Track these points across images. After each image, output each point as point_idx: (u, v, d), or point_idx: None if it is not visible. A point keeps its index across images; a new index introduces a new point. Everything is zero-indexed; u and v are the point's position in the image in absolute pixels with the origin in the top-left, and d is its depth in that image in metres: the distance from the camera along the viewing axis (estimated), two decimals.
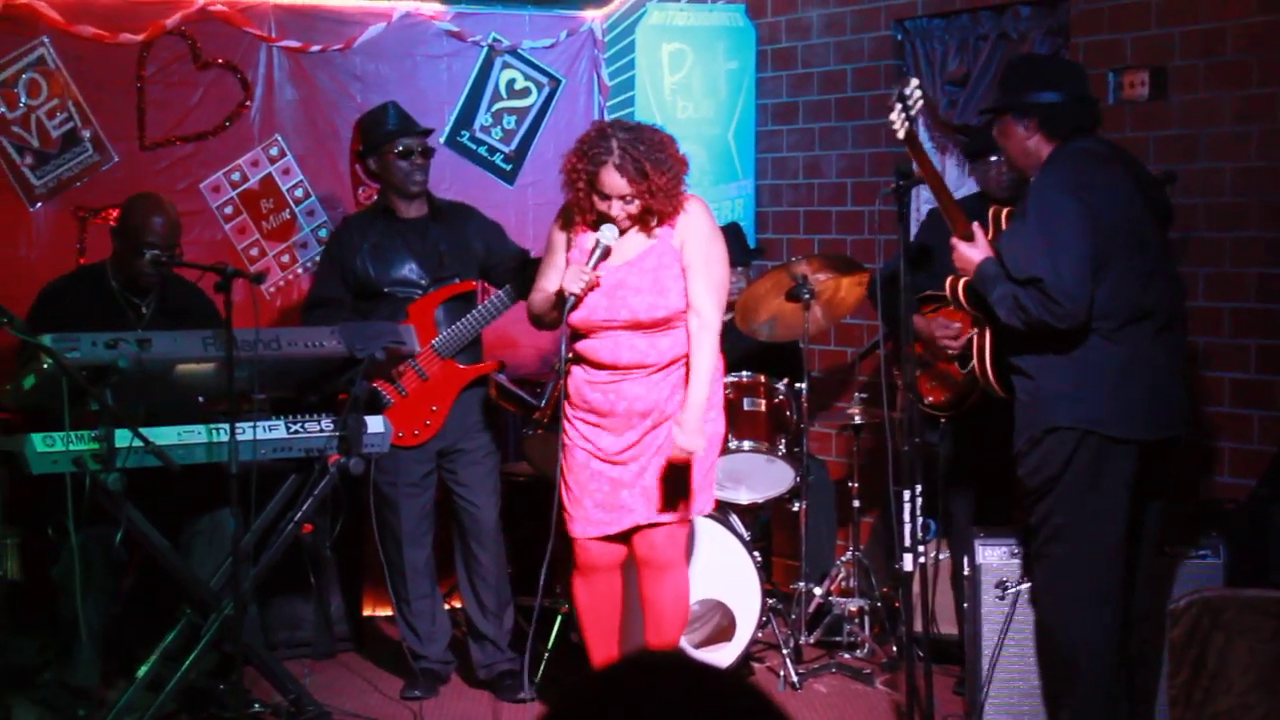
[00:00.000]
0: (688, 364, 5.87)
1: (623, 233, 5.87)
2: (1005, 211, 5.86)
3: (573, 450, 5.97)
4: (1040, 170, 5.58)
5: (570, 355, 5.97)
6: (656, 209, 5.82)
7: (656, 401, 5.88)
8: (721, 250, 6.04)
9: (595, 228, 5.89)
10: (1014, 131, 5.69)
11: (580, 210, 5.91)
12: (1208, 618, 4.65)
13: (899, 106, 5.64)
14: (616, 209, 5.80)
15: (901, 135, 5.65)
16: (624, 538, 6.03)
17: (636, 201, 5.79)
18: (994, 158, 6.72)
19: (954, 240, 5.69)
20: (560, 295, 5.84)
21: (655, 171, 5.75)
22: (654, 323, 5.85)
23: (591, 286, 5.82)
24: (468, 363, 6.96)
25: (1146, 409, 5.51)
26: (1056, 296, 5.36)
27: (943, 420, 6.78)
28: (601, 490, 5.94)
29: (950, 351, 6.62)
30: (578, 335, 5.93)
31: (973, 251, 5.63)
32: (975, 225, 5.70)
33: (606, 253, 5.85)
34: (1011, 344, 5.62)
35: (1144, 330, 5.51)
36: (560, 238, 6.06)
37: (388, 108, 7.08)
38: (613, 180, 5.75)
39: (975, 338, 5.90)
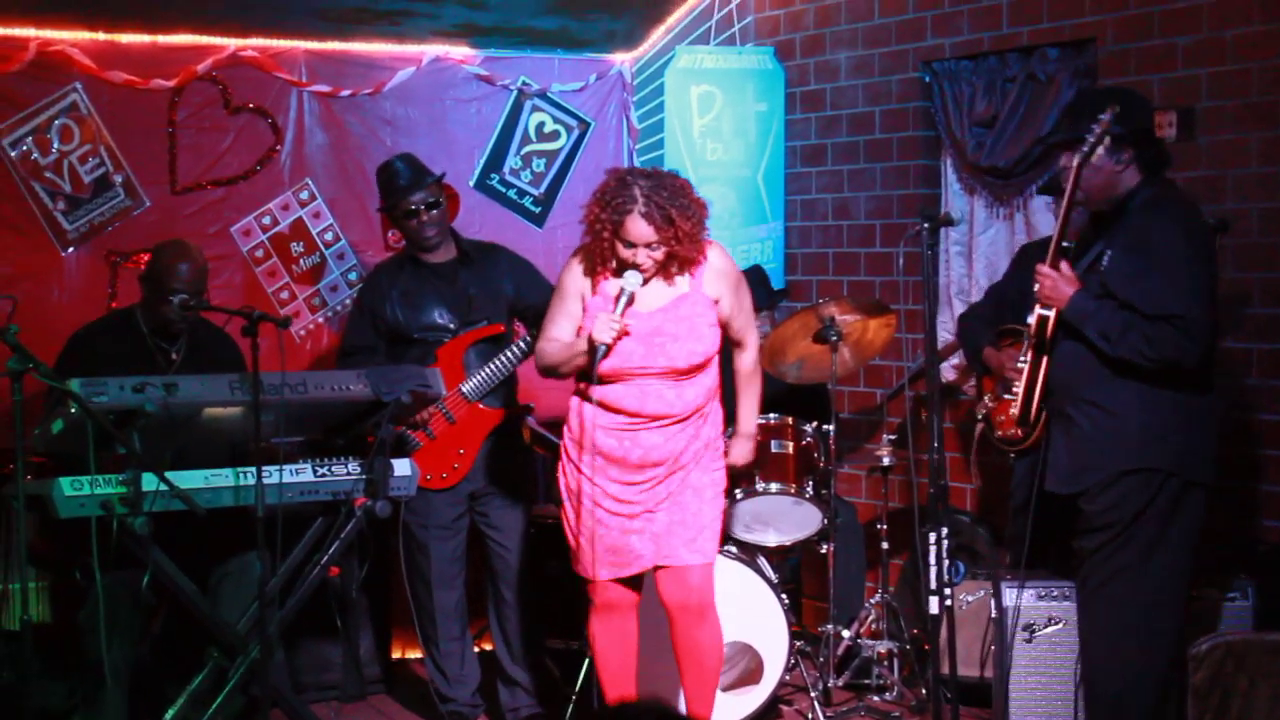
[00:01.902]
0: (719, 405, 5.98)
1: (646, 281, 5.87)
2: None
3: (578, 494, 5.97)
4: (1145, 205, 5.54)
5: (587, 399, 5.94)
6: (681, 255, 5.82)
7: (672, 451, 5.88)
8: (745, 286, 6.14)
9: (618, 275, 5.88)
10: (1103, 163, 5.58)
11: (603, 259, 5.89)
12: (1231, 661, 4.63)
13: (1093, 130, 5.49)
14: (642, 256, 5.79)
15: (1077, 161, 5.50)
16: (636, 579, 6.03)
17: (661, 249, 5.78)
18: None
19: (1044, 268, 5.61)
20: (591, 345, 5.80)
21: (680, 218, 5.75)
22: (689, 369, 5.85)
23: (621, 335, 5.81)
24: (496, 406, 6.98)
25: (1215, 454, 5.54)
26: (1195, 335, 5.38)
27: (1012, 455, 6.78)
28: (610, 534, 5.92)
29: (1016, 385, 6.65)
30: (600, 381, 5.88)
31: (1065, 283, 5.58)
32: (1064, 261, 5.66)
33: (631, 299, 5.84)
34: (1090, 379, 5.58)
35: (1212, 376, 5.57)
36: (573, 285, 6.01)
37: (395, 165, 7.05)
38: (639, 228, 5.74)
39: (1027, 369, 5.81)
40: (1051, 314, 5.66)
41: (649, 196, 5.73)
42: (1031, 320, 5.77)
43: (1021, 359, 5.78)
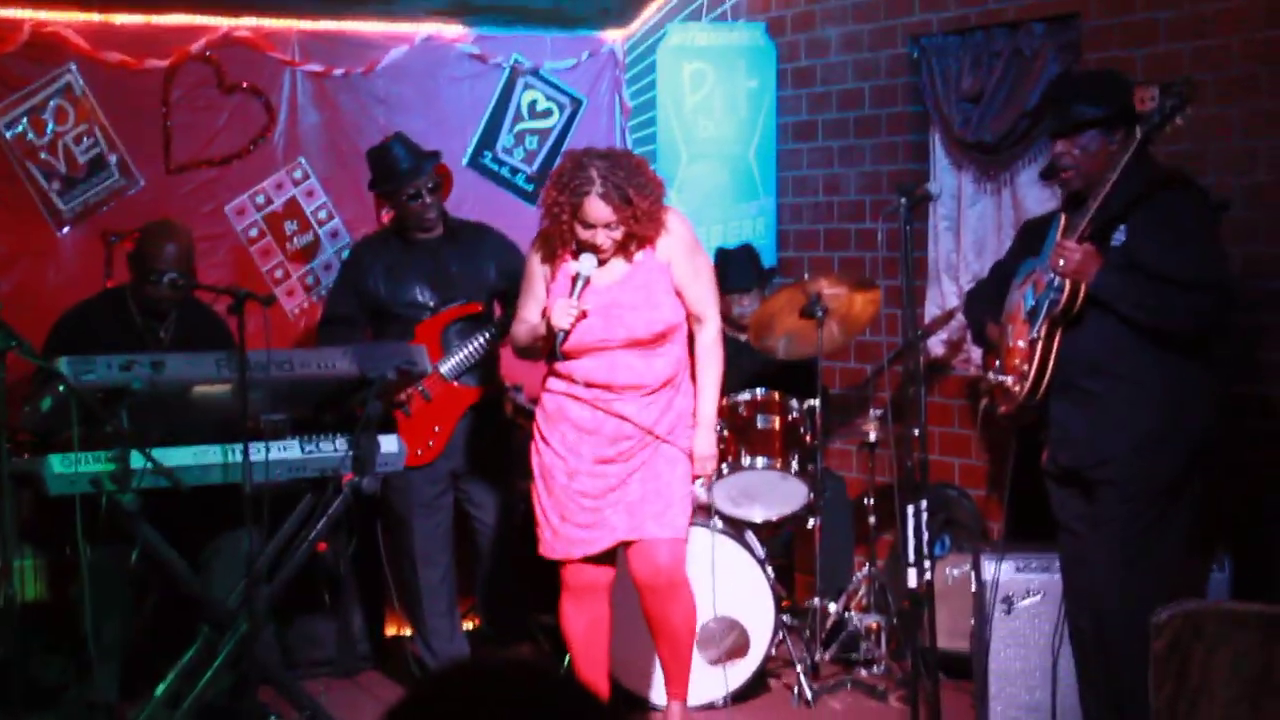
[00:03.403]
0: (689, 379, 6.02)
1: (603, 262, 5.91)
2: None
3: (551, 471, 6.01)
4: (1153, 181, 5.57)
5: (559, 376, 6.01)
6: (639, 234, 5.87)
7: (646, 421, 5.95)
8: (705, 256, 6.21)
9: (577, 256, 5.92)
10: (1100, 144, 5.63)
11: (562, 241, 5.92)
12: (1189, 630, 4.69)
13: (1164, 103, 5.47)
14: (601, 237, 5.83)
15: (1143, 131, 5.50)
16: (610, 557, 6.07)
17: (621, 229, 5.83)
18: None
19: (1070, 243, 5.58)
20: (549, 329, 5.87)
21: (638, 197, 5.79)
22: (651, 339, 5.91)
23: (580, 318, 5.85)
24: (473, 384, 7.06)
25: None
26: (1227, 302, 5.52)
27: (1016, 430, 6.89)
28: (582, 510, 5.96)
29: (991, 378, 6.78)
30: (566, 358, 5.94)
31: (1090, 259, 5.56)
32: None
33: (587, 283, 5.89)
34: (1110, 351, 5.61)
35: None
36: (538, 268, 6.08)
37: (392, 148, 7.13)
38: (597, 209, 5.78)
39: (1040, 344, 5.73)
40: (1067, 288, 5.62)
41: (606, 177, 5.76)
42: (1035, 298, 5.77)
43: (1034, 334, 5.73)
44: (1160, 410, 5.58)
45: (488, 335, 6.97)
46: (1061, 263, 5.59)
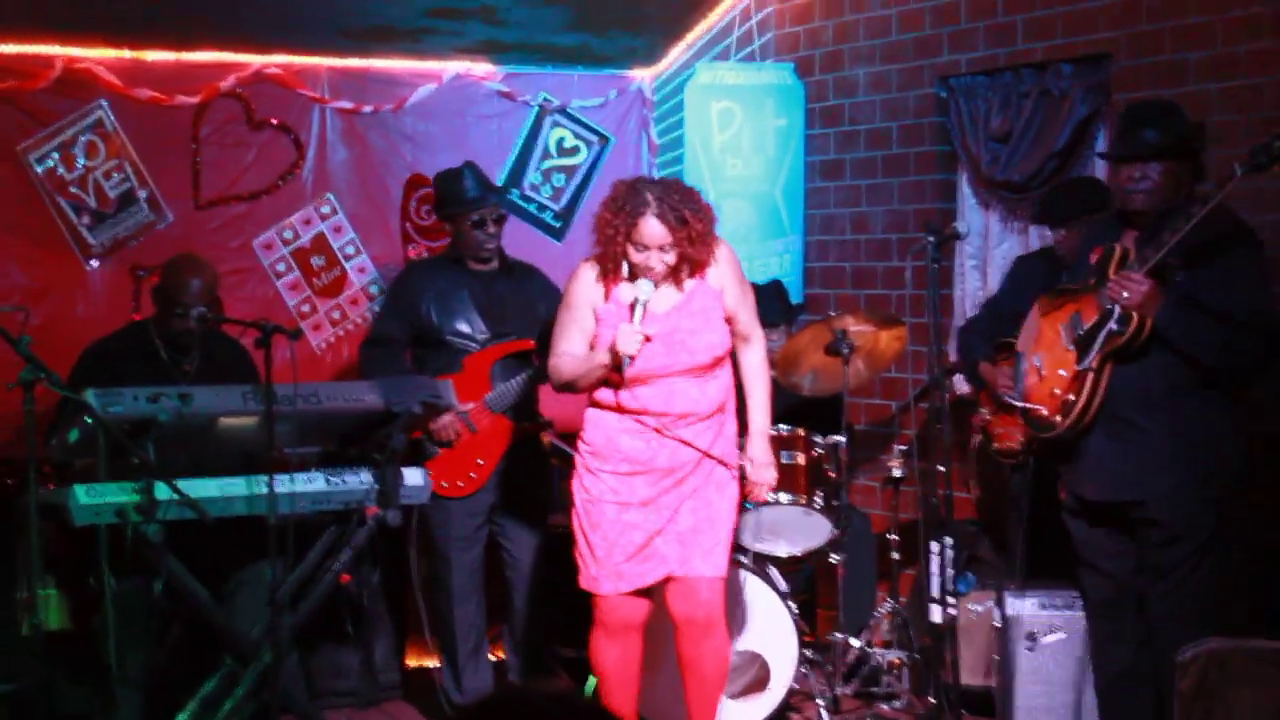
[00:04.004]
0: (737, 403, 6.01)
1: (657, 286, 5.89)
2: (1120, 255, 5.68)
3: (600, 504, 5.92)
4: (1209, 218, 5.40)
5: (607, 408, 5.96)
6: (693, 257, 5.84)
7: (701, 447, 5.90)
8: (745, 278, 6.17)
9: (631, 281, 5.88)
10: (1177, 171, 5.60)
11: (615, 265, 5.88)
12: (1215, 668, 4.68)
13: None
14: (655, 259, 5.79)
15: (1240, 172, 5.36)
16: (648, 593, 6.00)
17: (674, 251, 5.80)
18: (1062, 234, 6.86)
19: (1138, 276, 5.46)
20: (615, 358, 5.77)
21: (693, 218, 5.79)
22: (711, 364, 5.87)
23: (643, 343, 5.80)
24: (518, 419, 7.07)
25: None
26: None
27: (1010, 467, 6.93)
28: (634, 543, 5.88)
29: (1009, 400, 6.80)
30: (625, 387, 5.89)
31: (1154, 294, 5.47)
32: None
33: (645, 308, 5.82)
34: (1162, 386, 5.56)
35: None
36: (583, 296, 5.99)
37: (464, 172, 7.14)
38: (653, 230, 5.76)
39: (1090, 378, 5.65)
40: (1134, 322, 5.51)
41: (661, 199, 5.76)
42: (1082, 327, 5.69)
43: (1086, 364, 5.63)
44: (1203, 448, 5.55)
45: (535, 373, 6.96)
46: (1125, 295, 5.48)
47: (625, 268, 5.89)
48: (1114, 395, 5.61)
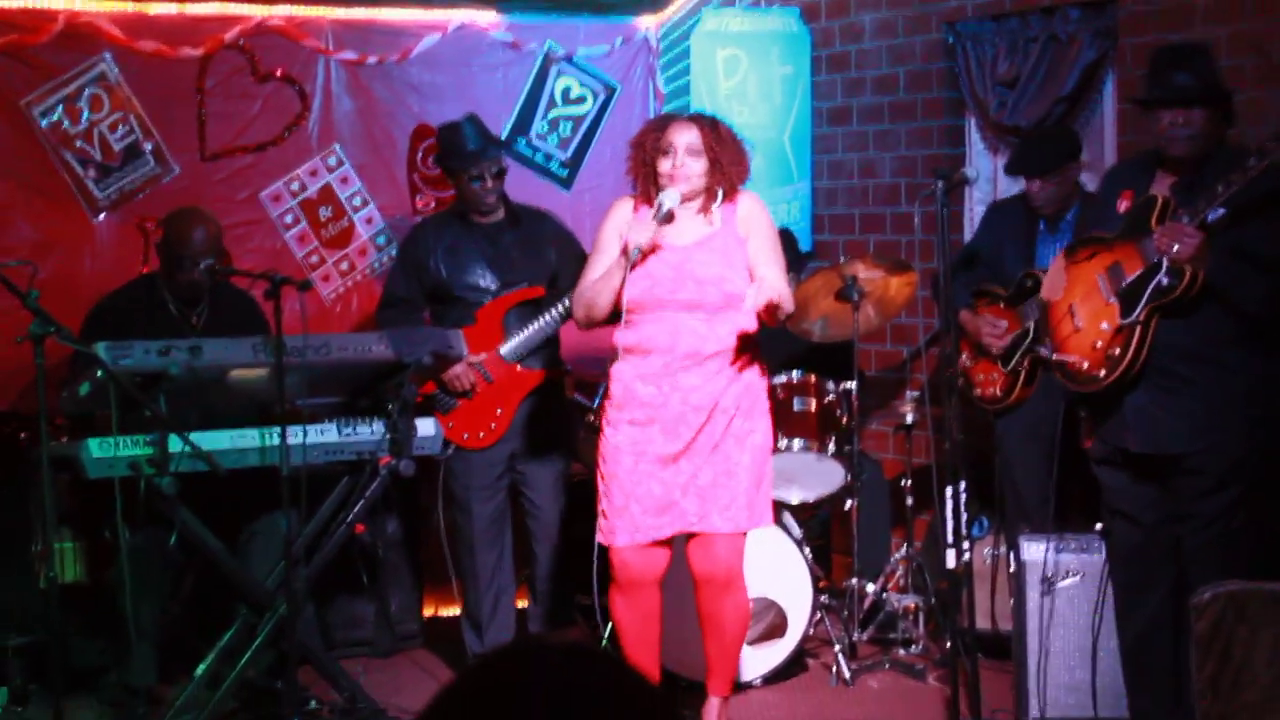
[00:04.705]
0: (760, 360, 5.98)
1: (684, 200, 5.85)
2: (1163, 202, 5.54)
3: (618, 454, 5.90)
4: (1241, 161, 5.30)
5: (620, 351, 5.94)
6: (725, 169, 5.85)
7: (713, 395, 5.82)
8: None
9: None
10: (1218, 118, 5.51)
11: (644, 186, 5.93)
12: (1232, 611, 4.67)
13: None
14: (682, 160, 5.81)
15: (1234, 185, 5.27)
16: (666, 546, 5.97)
17: (704, 160, 5.82)
18: (1037, 184, 6.84)
19: (1189, 228, 5.32)
20: (625, 252, 5.80)
21: (725, 130, 5.89)
22: (719, 303, 5.82)
23: (653, 249, 5.81)
24: (536, 367, 7.07)
25: None
26: None
27: (992, 414, 6.95)
28: (651, 495, 5.85)
29: (994, 349, 6.82)
30: (629, 314, 5.85)
31: (1205, 244, 5.34)
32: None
33: (670, 216, 5.83)
34: (1210, 338, 5.48)
35: None
36: (611, 230, 6.02)
37: (463, 126, 7.13)
38: (681, 130, 5.85)
39: (1138, 331, 5.52)
40: (1186, 274, 5.37)
41: (694, 114, 6.00)
42: (1127, 280, 5.57)
43: (1134, 317, 5.50)
44: (1250, 399, 5.50)
45: (549, 318, 6.96)
46: (1176, 248, 5.34)
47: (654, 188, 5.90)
48: (1158, 348, 5.52)
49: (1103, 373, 5.59)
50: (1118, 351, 5.55)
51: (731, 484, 5.87)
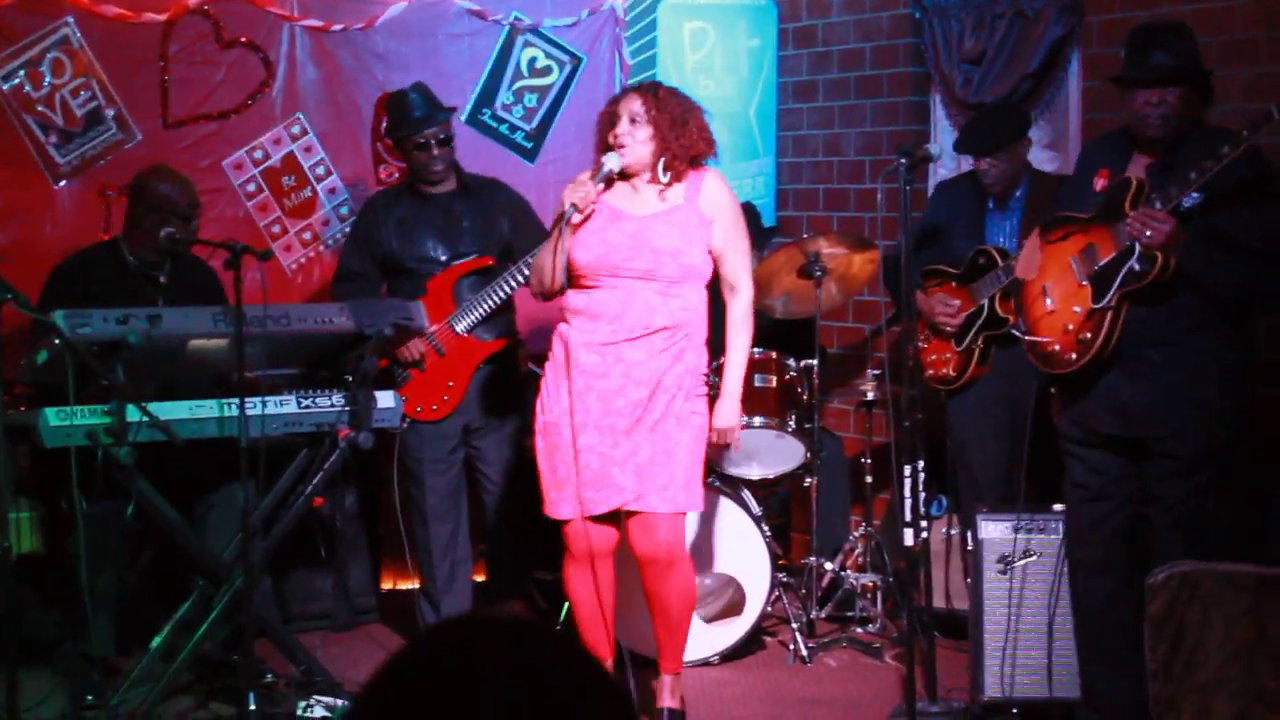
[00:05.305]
0: (704, 337, 5.95)
1: (630, 172, 5.87)
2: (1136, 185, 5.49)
3: (557, 426, 5.88)
4: (1218, 141, 5.26)
5: (568, 314, 5.91)
6: (671, 143, 5.83)
7: (655, 373, 5.80)
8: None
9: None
10: (1193, 99, 5.47)
11: (598, 153, 5.94)
12: (1185, 591, 4.70)
13: None
14: (624, 126, 5.82)
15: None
16: (614, 520, 5.96)
17: (649, 128, 5.82)
18: (986, 162, 6.86)
19: (1163, 214, 5.29)
20: (560, 214, 5.80)
21: (673, 100, 5.87)
22: (674, 275, 5.80)
23: (591, 213, 5.82)
24: (488, 338, 7.06)
25: None
26: None
27: (944, 394, 6.99)
28: (590, 468, 5.82)
29: (948, 328, 6.85)
30: (571, 284, 5.86)
31: (1178, 230, 5.31)
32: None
33: (609, 179, 5.87)
34: (1176, 322, 5.45)
35: None
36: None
37: (409, 95, 7.12)
38: (628, 100, 5.87)
39: (1110, 314, 5.49)
40: (1159, 261, 5.33)
41: (644, 83, 6.04)
42: (1099, 262, 5.53)
43: (1106, 302, 5.48)
44: (1220, 383, 5.50)
45: (500, 288, 6.95)
46: (1149, 234, 5.31)
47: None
48: (1130, 332, 5.51)
49: (1074, 355, 5.59)
50: (1089, 335, 5.54)
51: (670, 464, 5.84)
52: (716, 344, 6.12)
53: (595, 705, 1.90)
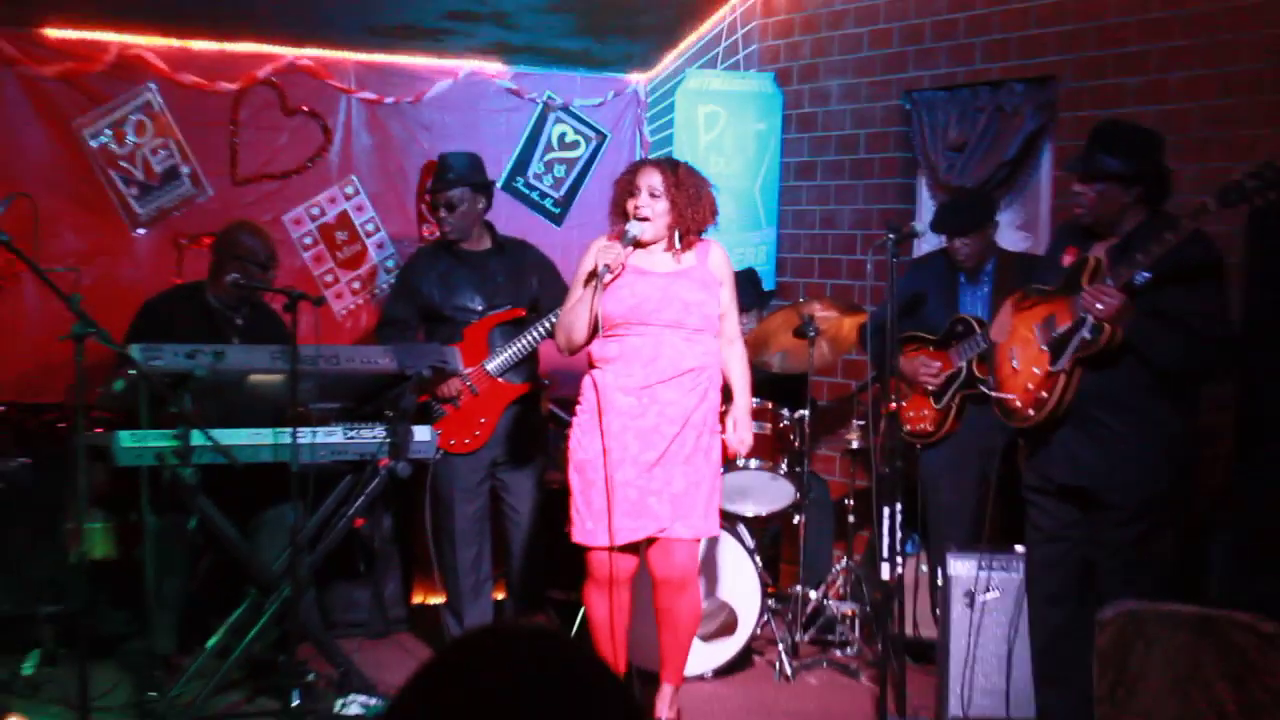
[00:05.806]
0: (722, 380, 6.04)
1: (648, 241, 5.91)
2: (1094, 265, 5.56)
3: (595, 462, 5.85)
4: (1163, 229, 5.32)
5: (598, 362, 5.93)
6: (684, 213, 5.89)
7: (685, 410, 5.83)
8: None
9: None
10: (1116, 194, 5.52)
11: (617, 220, 5.99)
12: (1131, 627, 4.76)
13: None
14: (644, 199, 5.87)
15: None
16: (635, 549, 5.98)
17: (666, 200, 5.87)
18: (960, 241, 7.00)
19: (1114, 290, 5.35)
20: (593, 274, 5.84)
21: (688, 178, 5.91)
22: (698, 324, 5.87)
23: (620, 271, 5.84)
24: (517, 381, 7.15)
25: None
26: (1241, 354, 5.54)
27: (919, 446, 7.05)
28: (628, 499, 5.82)
29: (930, 387, 6.93)
30: (613, 338, 5.88)
31: (1128, 306, 5.37)
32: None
33: (635, 243, 5.90)
34: (1128, 388, 5.51)
35: None
36: (588, 261, 6.00)
37: (448, 158, 7.20)
38: (647, 173, 5.90)
39: (1063, 379, 5.57)
40: (1106, 333, 5.40)
41: (663, 159, 6.03)
42: (1057, 330, 5.60)
43: (1060, 365, 5.56)
44: (1163, 442, 5.54)
45: (530, 337, 7.04)
46: (1099, 307, 5.39)
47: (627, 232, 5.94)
48: (1083, 394, 5.58)
49: (1032, 412, 5.67)
50: (1045, 395, 5.61)
51: (696, 494, 5.89)
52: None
53: (611, 710, 1.93)
